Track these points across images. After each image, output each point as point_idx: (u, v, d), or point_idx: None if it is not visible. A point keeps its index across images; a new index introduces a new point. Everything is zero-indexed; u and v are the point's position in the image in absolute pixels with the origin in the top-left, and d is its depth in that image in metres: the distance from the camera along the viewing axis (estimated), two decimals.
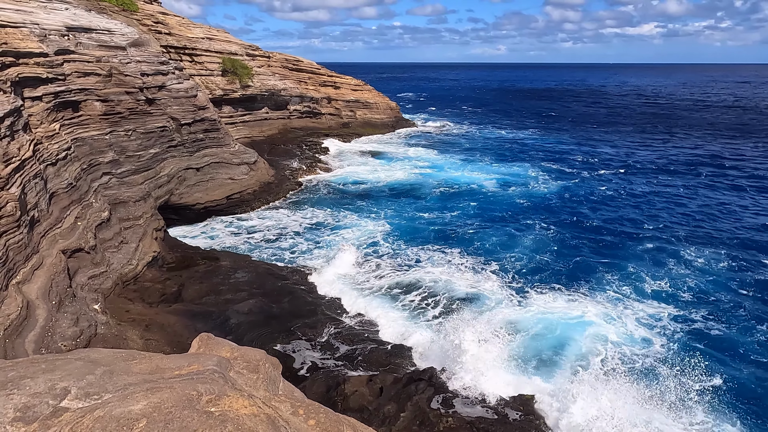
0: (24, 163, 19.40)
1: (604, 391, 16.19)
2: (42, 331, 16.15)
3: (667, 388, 17.26)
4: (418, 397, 16.16)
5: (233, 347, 6.62)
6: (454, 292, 24.18)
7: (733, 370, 18.96)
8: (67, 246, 20.44)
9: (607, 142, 70.04)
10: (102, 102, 29.24)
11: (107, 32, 32.89)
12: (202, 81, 49.54)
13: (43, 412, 4.44)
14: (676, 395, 16.97)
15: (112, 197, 26.75)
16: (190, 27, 55.31)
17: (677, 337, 20.82)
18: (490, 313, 21.98)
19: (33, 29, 26.24)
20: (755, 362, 19.45)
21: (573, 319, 21.92)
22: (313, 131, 65.55)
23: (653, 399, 16.48)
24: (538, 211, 37.81)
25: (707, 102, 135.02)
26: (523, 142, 70.40)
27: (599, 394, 16.00)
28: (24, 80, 23.08)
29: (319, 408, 5.44)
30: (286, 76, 66.08)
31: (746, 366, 19.25)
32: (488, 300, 23.56)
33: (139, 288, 22.79)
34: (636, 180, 47.89)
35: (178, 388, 4.71)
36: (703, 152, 61.68)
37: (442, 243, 30.71)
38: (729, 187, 45.20)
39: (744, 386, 18.04)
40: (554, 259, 28.64)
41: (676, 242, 31.27)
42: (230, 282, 24.19)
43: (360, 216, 36.01)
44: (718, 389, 17.69)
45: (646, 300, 23.89)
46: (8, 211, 17.03)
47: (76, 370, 5.14)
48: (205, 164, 36.58)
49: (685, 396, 17.03)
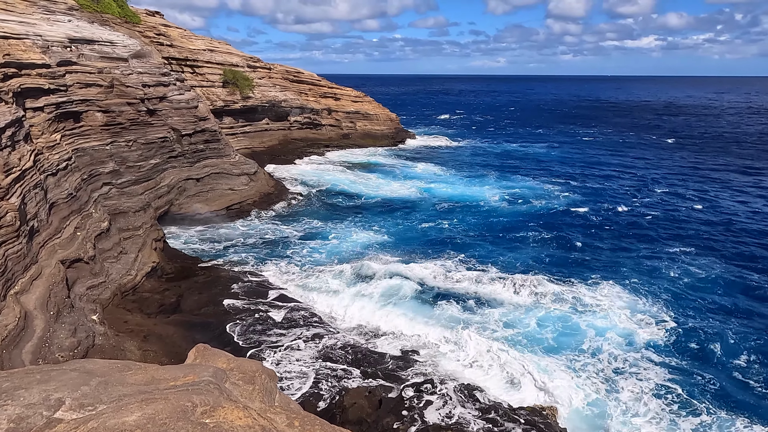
0: (24, 173, 19.46)
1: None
2: (39, 341, 16.09)
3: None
4: (418, 409, 16.06)
5: (230, 358, 6.59)
6: (451, 303, 24.13)
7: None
8: (66, 256, 20.43)
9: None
10: (103, 113, 29.41)
11: (109, 44, 33.16)
12: (204, 92, 49.86)
13: (36, 423, 4.41)
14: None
15: (112, 207, 26.79)
16: (192, 39, 55.78)
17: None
18: (492, 326, 21.92)
19: (36, 41, 26.47)
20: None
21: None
22: (314, 142, 65.83)
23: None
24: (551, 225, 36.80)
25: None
26: (528, 154, 70.17)
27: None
28: (26, 91, 23.23)
29: (314, 420, 5.41)
30: (286, 87, 66.52)
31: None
32: (490, 311, 23.50)
33: (138, 298, 22.73)
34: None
35: (173, 399, 4.69)
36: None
37: (437, 252, 30.68)
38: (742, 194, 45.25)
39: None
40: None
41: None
42: (229, 293, 24.14)
43: (354, 228, 35.92)
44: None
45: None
46: (8, 221, 17.05)
47: (71, 381, 5.12)
48: (205, 174, 36.67)
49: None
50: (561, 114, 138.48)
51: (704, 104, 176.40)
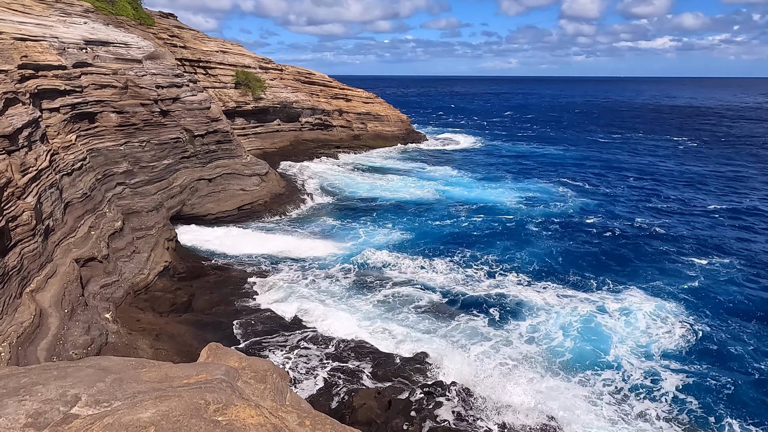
0: (41, 173, 19.76)
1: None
2: (54, 339, 16.33)
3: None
4: (427, 411, 16.05)
5: (241, 357, 6.66)
6: (457, 304, 24.09)
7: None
8: (80, 255, 20.70)
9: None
10: (117, 113, 29.76)
11: (124, 45, 33.56)
12: (216, 93, 50.24)
13: (53, 418, 4.50)
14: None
15: (125, 207, 27.09)
16: (205, 40, 56.25)
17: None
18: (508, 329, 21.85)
19: (52, 42, 26.86)
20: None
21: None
22: (325, 143, 66.01)
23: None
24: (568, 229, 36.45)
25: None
26: (542, 155, 69.29)
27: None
28: (42, 92, 23.58)
29: (325, 419, 5.45)
30: (298, 88, 66.79)
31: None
32: (503, 315, 23.45)
33: (150, 297, 22.97)
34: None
35: (186, 397, 4.75)
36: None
37: (455, 255, 30.60)
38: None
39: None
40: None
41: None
42: (240, 293, 24.30)
43: (368, 230, 35.93)
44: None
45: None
46: (24, 220, 17.32)
47: (87, 378, 5.21)
48: (217, 175, 36.95)
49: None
50: (575, 115, 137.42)
51: (723, 106, 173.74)
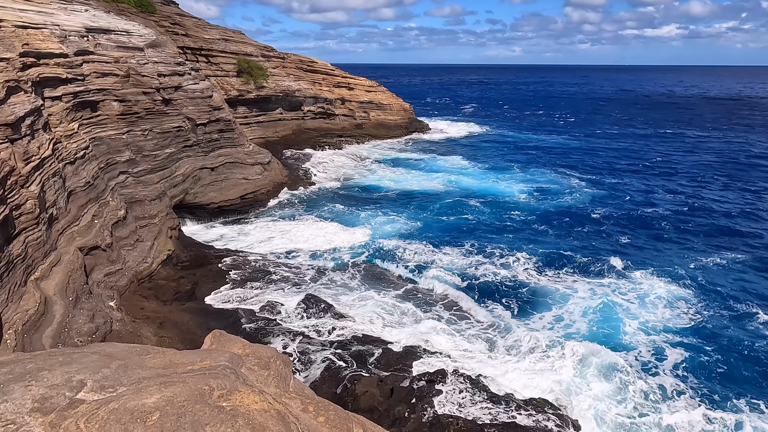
0: (44, 161, 19.78)
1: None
2: (59, 326, 16.45)
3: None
4: (429, 398, 16.15)
5: (245, 344, 6.70)
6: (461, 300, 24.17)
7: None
8: (84, 243, 20.78)
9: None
10: (119, 102, 29.69)
11: (125, 33, 33.39)
12: (218, 82, 50.05)
13: (60, 403, 4.54)
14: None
15: (128, 196, 27.14)
16: (207, 28, 55.89)
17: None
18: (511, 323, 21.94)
19: (54, 30, 26.74)
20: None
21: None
22: (327, 132, 65.81)
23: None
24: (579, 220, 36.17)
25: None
26: (549, 145, 68.57)
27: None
28: (44, 80, 23.52)
29: (329, 405, 5.50)
30: (300, 77, 66.46)
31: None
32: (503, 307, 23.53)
33: (154, 286, 23.08)
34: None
35: (191, 383, 4.79)
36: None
37: (465, 244, 30.62)
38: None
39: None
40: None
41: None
42: (243, 281, 24.39)
43: (375, 220, 35.89)
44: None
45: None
46: (28, 209, 17.37)
47: (92, 364, 5.25)
48: (219, 164, 36.93)
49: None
50: (582, 104, 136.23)
51: (732, 95, 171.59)
